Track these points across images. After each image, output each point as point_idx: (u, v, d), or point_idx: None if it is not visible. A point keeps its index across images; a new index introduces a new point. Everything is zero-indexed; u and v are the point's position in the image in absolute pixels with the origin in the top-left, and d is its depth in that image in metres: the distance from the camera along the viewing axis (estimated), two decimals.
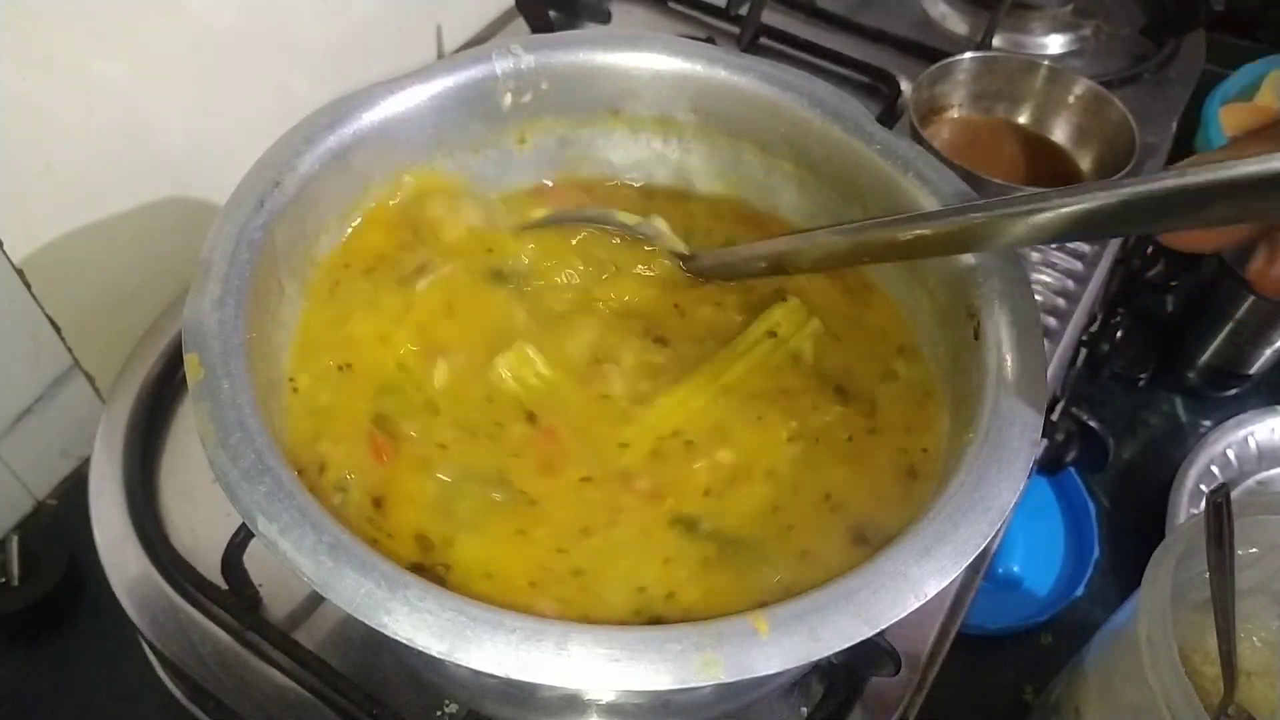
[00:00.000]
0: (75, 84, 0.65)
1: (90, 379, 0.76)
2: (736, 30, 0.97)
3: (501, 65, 0.62)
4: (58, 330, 0.72)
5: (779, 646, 0.38)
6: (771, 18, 0.98)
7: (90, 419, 0.69)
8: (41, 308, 0.70)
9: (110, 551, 0.60)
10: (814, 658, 0.39)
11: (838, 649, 0.39)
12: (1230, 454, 0.92)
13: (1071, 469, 0.88)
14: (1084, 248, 0.83)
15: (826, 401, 0.56)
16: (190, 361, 0.44)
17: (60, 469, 0.78)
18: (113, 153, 0.70)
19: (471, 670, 0.37)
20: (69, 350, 0.73)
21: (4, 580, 0.69)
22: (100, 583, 0.59)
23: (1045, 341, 0.51)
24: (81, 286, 0.72)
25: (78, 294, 0.72)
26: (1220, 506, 0.59)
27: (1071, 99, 0.85)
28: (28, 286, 0.68)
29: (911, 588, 0.40)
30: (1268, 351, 0.94)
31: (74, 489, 0.78)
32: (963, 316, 0.53)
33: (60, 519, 0.76)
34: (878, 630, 0.39)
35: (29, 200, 0.66)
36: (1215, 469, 0.92)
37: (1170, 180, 0.41)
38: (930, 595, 0.40)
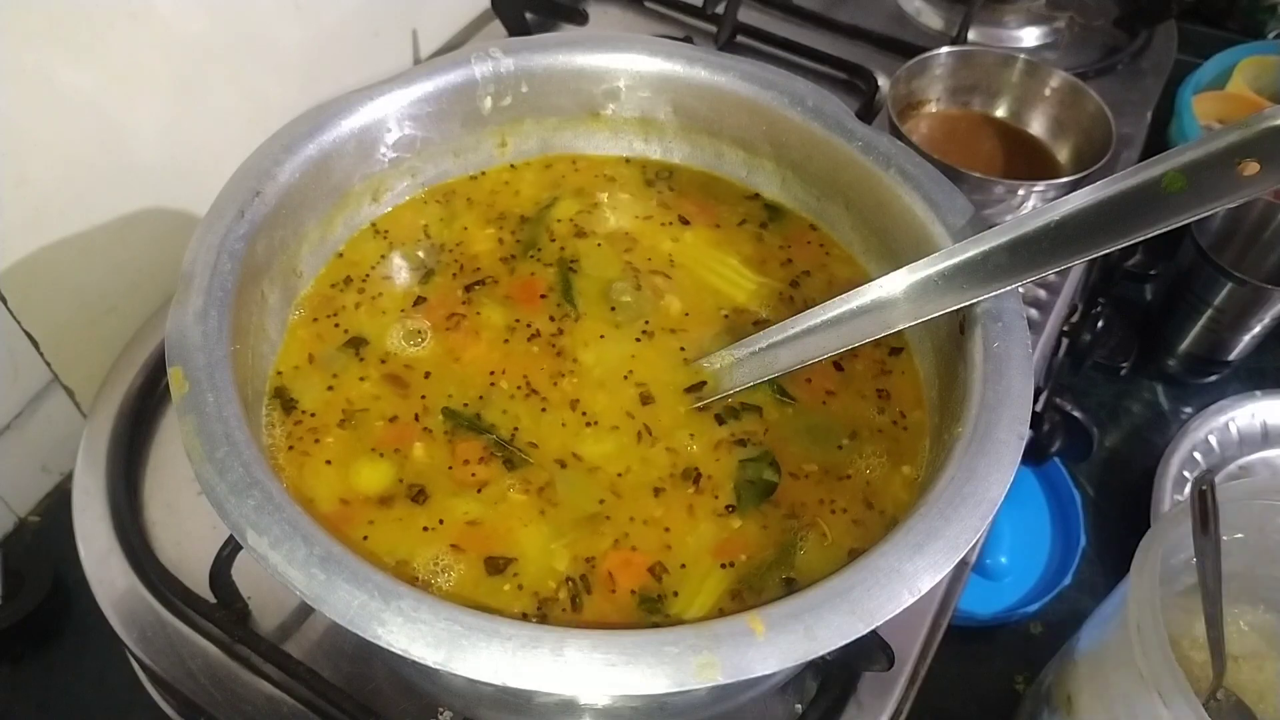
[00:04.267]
0: (46, 95, 0.65)
1: (70, 393, 0.75)
2: (714, 29, 0.97)
3: (481, 69, 0.62)
4: (35, 345, 0.71)
5: (775, 646, 0.39)
6: (748, 15, 0.99)
7: (71, 434, 0.69)
8: (19, 323, 0.69)
9: (95, 567, 0.60)
10: (810, 656, 0.39)
11: (834, 647, 0.39)
12: (1212, 440, 0.93)
13: (1056, 459, 0.89)
14: None
15: None
16: (174, 375, 0.44)
17: (42, 485, 0.77)
18: (87, 164, 0.69)
19: (467, 678, 0.37)
20: (48, 365, 0.72)
21: None
22: (86, 599, 0.59)
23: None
24: (59, 300, 0.71)
25: (55, 308, 0.71)
26: (1205, 493, 0.59)
27: (1048, 91, 0.86)
28: (4, 301, 0.67)
29: (905, 584, 0.40)
30: (1246, 338, 0.95)
31: (57, 505, 0.77)
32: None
33: (43, 536, 0.75)
34: (873, 627, 0.40)
35: (3, 214, 0.65)
36: (1198, 455, 0.93)
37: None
38: (924, 591, 0.40)
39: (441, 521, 0.50)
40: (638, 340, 0.59)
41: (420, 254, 0.62)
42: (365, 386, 0.55)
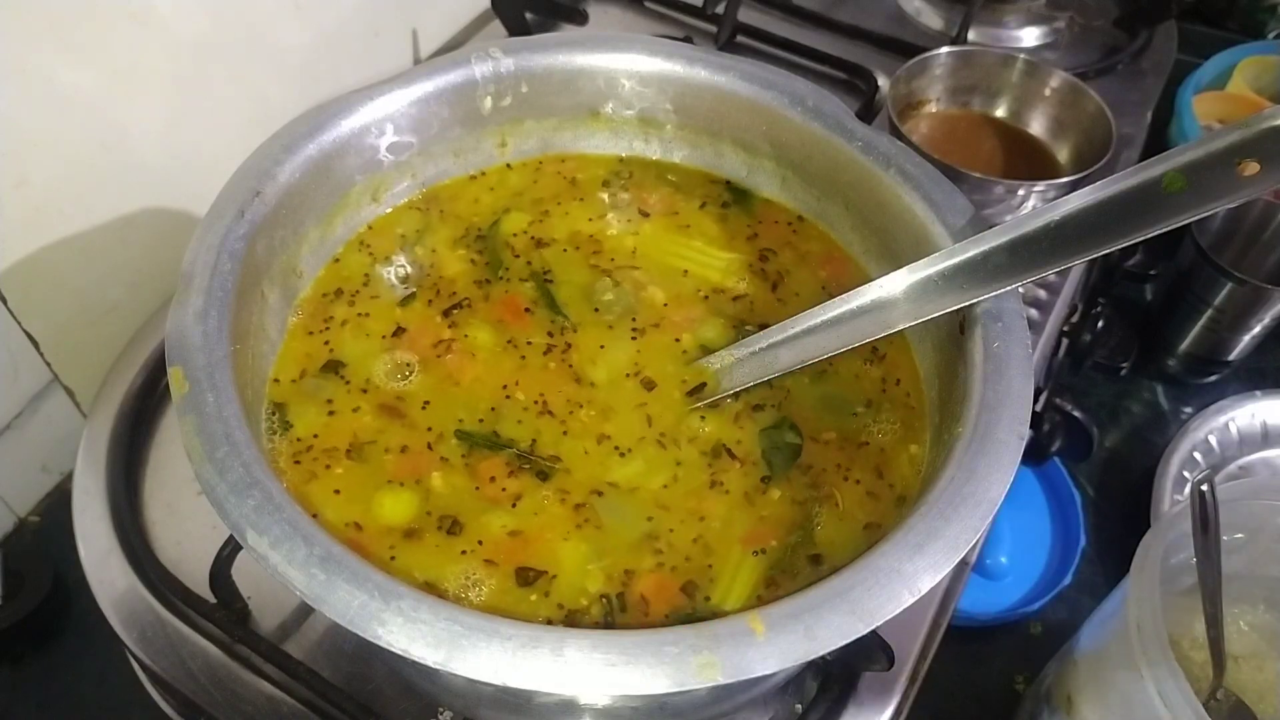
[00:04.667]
0: (47, 95, 0.65)
1: (70, 394, 0.75)
2: (714, 29, 0.97)
3: (481, 69, 0.62)
4: (36, 345, 0.71)
5: (775, 646, 0.38)
6: (748, 15, 0.99)
7: (71, 434, 0.69)
8: (19, 323, 0.69)
9: (95, 567, 0.60)
10: (810, 656, 0.39)
11: (834, 647, 0.39)
12: (1212, 440, 0.93)
13: (1056, 459, 0.89)
14: None
15: None
16: (174, 375, 0.44)
17: (42, 485, 0.77)
18: (87, 164, 0.69)
19: (467, 678, 0.37)
20: (48, 365, 0.72)
21: None
22: (86, 599, 0.59)
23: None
24: (59, 301, 0.71)
25: (55, 308, 0.71)
26: (1205, 493, 0.59)
27: (1048, 91, 0.86)
28: (4, 302, 0.67)
29: (905, 584, 0.40)
30: (1246, 338, 0.95)
31: (57, 505, 0.77)
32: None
33: (43, 536, 0.75)
34: (873, 627, 0.40)
35: (3, 214, 0.65)
36: (1198, 455, 0.93)
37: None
38: (924, 591, 0.40)
39: (481, 542, 0.49)
40: (633, 339, 0.59)
41: (405, 268, 0.61)
42: (364, 419, 0.54)
